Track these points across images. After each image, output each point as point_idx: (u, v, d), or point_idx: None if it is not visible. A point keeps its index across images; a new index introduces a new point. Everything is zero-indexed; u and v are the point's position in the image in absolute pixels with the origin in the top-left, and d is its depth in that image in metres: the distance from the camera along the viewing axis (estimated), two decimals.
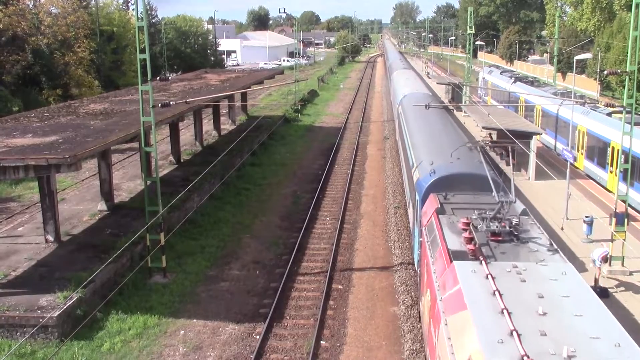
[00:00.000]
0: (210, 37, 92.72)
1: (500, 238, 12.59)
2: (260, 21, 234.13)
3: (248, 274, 21.32)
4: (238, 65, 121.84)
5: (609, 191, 28.66)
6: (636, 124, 21.91)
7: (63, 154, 17.37)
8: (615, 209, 20.57)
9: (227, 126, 46.82)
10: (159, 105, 20.38)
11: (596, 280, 18.87)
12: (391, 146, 42.18)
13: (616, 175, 24.96)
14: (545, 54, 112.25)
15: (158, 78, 24.86)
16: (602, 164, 29.99)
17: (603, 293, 18.30)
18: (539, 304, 9.72)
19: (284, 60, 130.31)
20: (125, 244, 18.94)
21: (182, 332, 17.28)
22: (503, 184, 16.26)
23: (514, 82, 49.20)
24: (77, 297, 17.21)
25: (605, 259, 19.24)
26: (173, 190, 26.33)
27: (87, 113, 26.37)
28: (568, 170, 25.25)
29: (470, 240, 12.29)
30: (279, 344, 16.54)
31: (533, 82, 49.64)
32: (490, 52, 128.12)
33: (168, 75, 61.14)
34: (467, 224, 13.10)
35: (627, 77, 19.79)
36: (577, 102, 31.25)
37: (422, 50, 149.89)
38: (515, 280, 10.66)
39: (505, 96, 50.12)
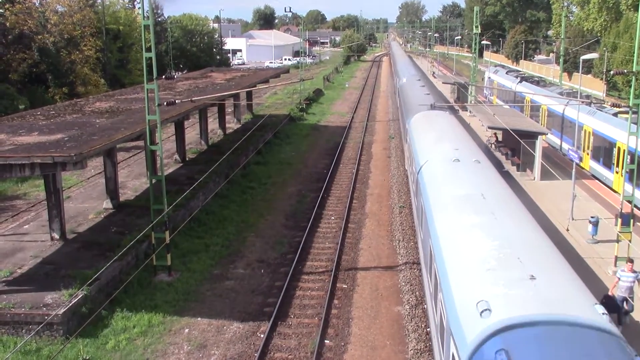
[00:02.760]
0: (216, 36, 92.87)
1: None
2: (266, 20, 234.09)
3: (253, 273, 21.35)
4: (244, 64, 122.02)
5: (615, 192, 28.55)
6: None
7: (69, 152, 17.42)
8: (621, 209, 20.48)
9: (232, 125, 46.86)
10: (165, 103, 20.43)
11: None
12: (396, 145, 42.14)
13: (622, 175, 24.87)
14: (551, 54, 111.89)
15: (164, 77, 24.92)
16: (607, 165, 29.88)
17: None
18: None
19: (285, 59, 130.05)
20: (131, 242, 18.96)
21: (186, 330, 17.32)
22: None
23: (520, 81, 49.02)
24: (83, 294, 17.29)
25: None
26: (178, 188, 26.40)
27: (93, 111, 26.44)
28: (574, 170, 25.14)
29: None
30: (283, 342, 16.56)
31: (539, 82, 49.45)
32: (496, 51, 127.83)
33: (174, 73, 61.34)
34: None
35: (633, 77, 19.71)
36: (583, 102, 31.13)
37: (427, 49, 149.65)
38: None
39: (511, 96, 49.97)
